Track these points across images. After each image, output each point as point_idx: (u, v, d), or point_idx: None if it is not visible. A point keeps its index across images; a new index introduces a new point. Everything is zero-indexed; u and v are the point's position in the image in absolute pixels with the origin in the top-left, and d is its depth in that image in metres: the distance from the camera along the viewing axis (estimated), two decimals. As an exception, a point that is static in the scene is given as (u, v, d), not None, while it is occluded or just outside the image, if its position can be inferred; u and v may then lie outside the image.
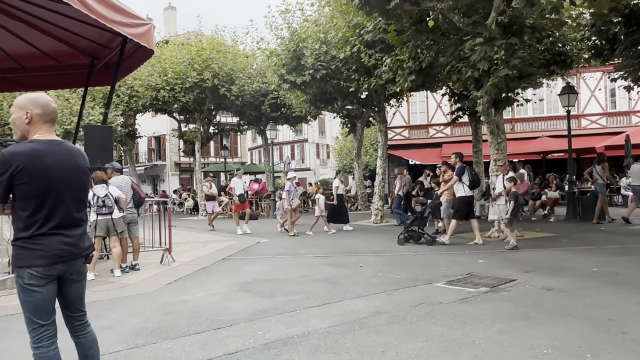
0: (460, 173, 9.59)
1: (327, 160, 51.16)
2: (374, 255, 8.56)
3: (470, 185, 9.55)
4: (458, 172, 9.62)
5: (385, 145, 15.57)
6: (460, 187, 9.63)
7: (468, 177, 9.52)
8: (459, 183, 9.64)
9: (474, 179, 9.55)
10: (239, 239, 11.99)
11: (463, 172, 9.57)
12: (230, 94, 20.67)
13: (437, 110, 27.37)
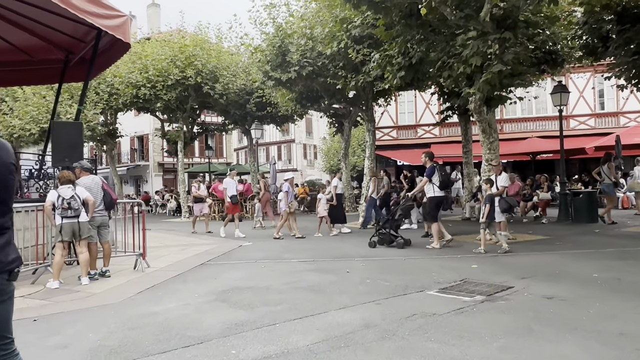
0: (430, 173, 9.23)
1: (314, 161, 50.71)
2: (362, 260, 8.12)
3: (441, 186, 9.22)
4: (428, 172, 9.28)
5: (373, 145, 15.16)
6: (430, 187, 9.28)
7: (438, 177, 9.19)
8: (429, 184, 9.29)
9: (444, 180, 9.24)
10: (220, 242, 11.46)
11: (433, 172, 9.20)
12: (214, 92, 20.12)
13: (426, 110, 27.07)
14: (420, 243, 9.94)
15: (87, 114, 20.84)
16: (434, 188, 9.20)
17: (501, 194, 9.37)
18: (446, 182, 9.32)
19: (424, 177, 9.37)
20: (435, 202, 9.33)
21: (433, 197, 9.29)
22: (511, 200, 9.41)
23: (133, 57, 20.65)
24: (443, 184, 9.22)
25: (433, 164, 9.30)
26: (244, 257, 8.94)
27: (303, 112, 18.38)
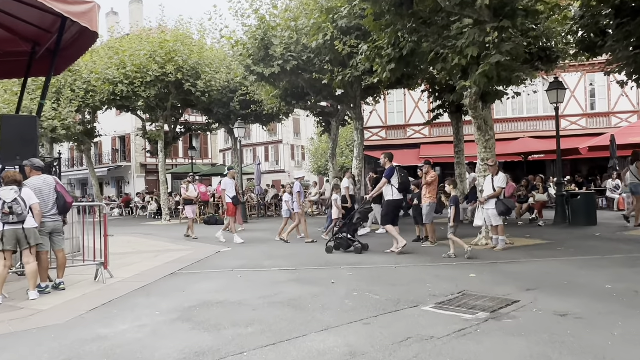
0: (389, 175, 8.73)
1: (302, 162, 49.98)
2: (349, 268, 7.38)
3: (400, 188, 8.74)
4: (387, 173, 8.79)
5: (362, 145, 14.46)
6: (389, 190, 8.78)
7: (397, 180, 8.72)
8: (387, 186, 8.78)
9: (403, 181, 8.75)
10: (197, 247, 10.65)
11: (392, 173, 8.72)
12: (195, 90, 19.27)
13: (415, 110, 26.47)
14: (413, 249, 9.24)
15: (61, 112, 19.86)
16: (392, 190, 8.72)
17: (498, 195, 8.71)
18: (406, 184, 8.85)
19: (383, 178, 8.90)
20: (394, 206, 8.84)
21: (392, 201, 8.79)
22: (509, 203, 8.77)
23: (110, 53, 19.76)
24: (402, 186, 8.73)
25: (393, 166, 8.85)
26: (219, 265, 8.16)
27: (288, 110, 17.62)
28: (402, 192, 8.85)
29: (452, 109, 15.40)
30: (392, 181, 8.73)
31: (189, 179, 14.14)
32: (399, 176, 8.73)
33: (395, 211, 8.96)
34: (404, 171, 8.94)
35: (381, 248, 9.29)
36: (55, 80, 20.60)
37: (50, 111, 19.71)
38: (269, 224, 16.73)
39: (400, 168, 8.91)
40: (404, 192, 8.91)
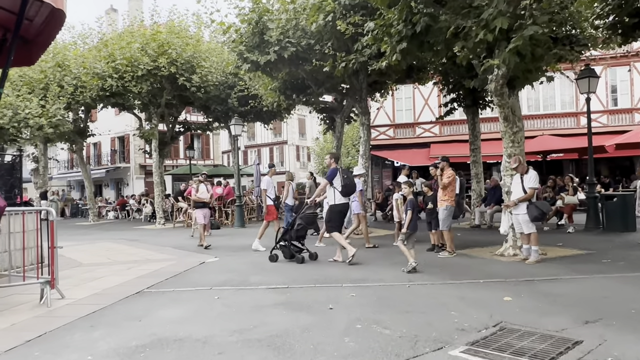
0: (331, 176, 7.93)
1: (307, 163, 48.73)
2: (352, 287, 6.04)
3: (343, 192, 7.90)
4: (329, 174, 8.02)
5: (368, 142, 13.12)
6: (331, 193, 7.99)
7: (340, 182, 7.89)
8: (330, 189, 8.00)
9: (346, 184, 7.91)
10: (181, 257, 9.35)
11: (334, 175, 7.91)
12: (190, 85, 18.02)
13: (425, 107, 25.16)
14: (428, 261, 7.88)
15: (49, 109, 18.67)
16: (335, 194, 7.90)
17: (530, 198, 7.33)
18: (349, 187, 7.95)
19: (323, 180, 8.22)
20: (337, 211, 8.00)
21: (334, 205, 7.97)
22: (544, 206, 7.39)
23: (99, 45, 18.57)
24: (345, 189, 7.87)
25: (336, 167, 8.05)
26: (198, 281, 6.84)
27: (289, 105, 16.25)
28: (346, 196, 8.00)
29: (467, 103, 14.04)
30: (334, 184, 7.89)
31: (200, 178, 12.27)
32: (342, 178, 7.90)
33: (339, 217, 8.10)
34: (347, 173, 8.16)
35: (388, 259, 7.95)
36: (43, 76, 19.48)
37: (36, 108, 18.52)
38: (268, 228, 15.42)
39: (344, 170, 8.10)
40: (347, 195, 8.05)
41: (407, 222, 6.99)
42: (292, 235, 8.37)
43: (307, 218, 8.60)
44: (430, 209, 8.84)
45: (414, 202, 7.17)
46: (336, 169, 8.03)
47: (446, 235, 8.29)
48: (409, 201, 7.14)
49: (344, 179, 7.92)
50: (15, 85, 19.25)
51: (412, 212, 6.97)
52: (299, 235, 8.45)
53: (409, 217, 6.95)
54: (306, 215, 8.58)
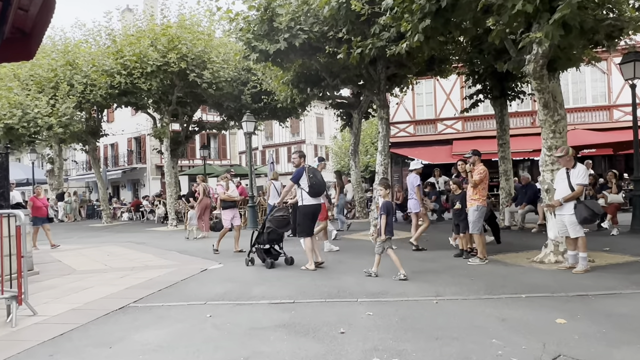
0: (297, 176, 7.39)
1: (326, 162, 47.75)
2: (369, 302, 5.14)
3: (311, 192, 7.30)
4: (294, 175, 7.48)
5: (387, 137, 12.16)
6: (299, 194, 7.47)
7: (307, 182, 7.30)
8: (298, 189, 7.50)
9: (313, 184, 7.30)
10: (183, 263, 8.56)
11: (300, 174, 7.36)
12: (201, 81, 17.29)
13: (447, 103, 24.04)
14: (455, 268, 6.92)
15: (58, 108, 18.17)
16: (302, 195, 7.36)
17: (579, 196, 6.31)
18: (318, 186, 7.34)
19: (289, 181, 7.70)
20: (304, 212, 7.39)
21: (302, 207, 7.41)
22: (594, 206, 6.34)
23: (107, 42, 17.99)
24: (314, 188, 7.28)
25: (303, 166, 7.50)
26: (193, 293, 6.01)
27: (303, 101, 15.32)
28: (315, 196, 7.38)
29: (494, 94, 12.96)
30: (301, 184, 7.33)
31: (228, 175, 10.78)
32: (308, 177, 7.29)
33: (308, 219, 7.41)
34: (314, 171, 7.48)
35: (410, 267, 7.01)
36: (54, 75, 19.01)
37: (45, 107, 18.03)
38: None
39: (311, 169, 7.48)
40: (316, 196, 7.41)
41: (382, 227, 6.38)
42: (265, 238, 7.91)
43: (278, 221, 8.00)
44: (458, 210, 7.88)
45: (389, 205, 6.54)
46: (302, 168, 7.45)
47: (477, 239, 7.31)
48: (383, 205, 6.54)
49: (311, 179, 7.28)
50: (24, 85, 18.84)
51: (387, 216, 6.40)
52: (272, 239, 7.98)
53: (384, 222, 6.37)
54: (276, 217, 8.00)
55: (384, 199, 6.67)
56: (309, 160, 8.67)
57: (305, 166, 7.47)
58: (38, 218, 11.80)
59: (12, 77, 19.25)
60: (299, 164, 7.59)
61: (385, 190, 6.84)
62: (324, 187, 7.55)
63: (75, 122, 19.01)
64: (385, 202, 6.57)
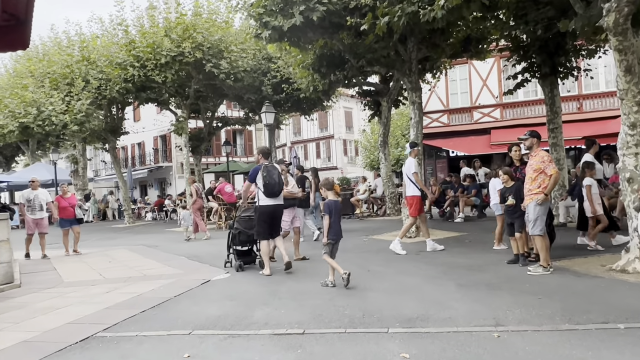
0: (252, 175, 6.97)
1: (355, 157, 46.42)
2: (403, 334, 3.80)
3: (266, 192, 6.74)
4: (250, 174, 7.06)
5: (420, 124, 10.72)
6: (257, 194, 7.01)
7: (262, 181, 6.80)
8: (255, 188, 7.01)
9: (267, 183, 6.74)
10: (184, 274, 7.40)
11: (256, 173, 6.92)
12: (218, 72, 16.20)
13: (483, 89, 22.29)
14: (512, 278, 5.49)
15: (74, 105, 17.41)
16: (259, 195, 6.90)
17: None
18: (270, 187, 6.74)
19: (247, 181, 7.29)
20: (261, 213, 6.86)
21: (258, 207, 6.93)
22: None
23: (119, 33, 17.10)
24: (267, 188, 6.73)
25: (260, 164, 6.99)
26: (182, 316, 4.79)
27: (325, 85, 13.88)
28: (271, 196, 6.79)
29: (543, 71, 11.32)
30: (257, 183, 6.85)
31: (284, 167, 8.61)
32: (262, 176, 6.78)
33: (263, 221, 6.86)
34: (271, 169, 6.88)
35: (455, 278, 5.62)
36: (70, 71, 18.29)
37: (60, 104, 17.30)
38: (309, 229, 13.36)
39: (268, 167, 6.88)
40: (273, 196, 6.81)
41: (325, 230, 5.80)
42: (237, 240, 7.47)
43: (245, 222, 7.49)
44: (512, 206, 6.41)
45: (332, 204, 5.84)
46: (259, 166, 6.93)
47: (539, 242, 5.83)
48: (327, 204, 5.90)
49: (265, 177, 6.72)
50: (39, 82, 18.18)
51: (331, 217, 5.78)
52: (242, 240, 7.49)
53: (327, 224, 5.78)
54: (243, 218, 7.55)
55: (329, 199, 5.92)
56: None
57: (262, 164, 6.89)
58: (64, 220, 10.66)
59: (27, 74, 18.64)
60: (258, 161, 7.10)
61: (334, 192, 6.04)
62: (279, 187, 6.85)
63: (91, 119, 18.23)
64: (328, 201, 5.87)
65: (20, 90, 17.81)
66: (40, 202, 10.22)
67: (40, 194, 10.34)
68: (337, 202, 5.93)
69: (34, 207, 10.17)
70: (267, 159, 7.00)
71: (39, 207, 10.21)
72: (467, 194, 12.96)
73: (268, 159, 7.01)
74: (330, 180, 6.26)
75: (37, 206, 10.19)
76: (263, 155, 7.04)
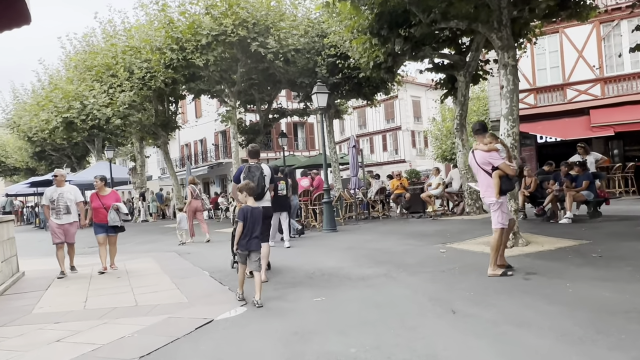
0: (236, 176, 6.59)
1: (424, 149, 43.26)
2: None
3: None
4: (235, 174, 6.73)
5: (516, 93, 8.00)
6: None
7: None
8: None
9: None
10: (186, 306, 5.34)
11: (240, 173, 6.52)
12: (266, 51, 14.19)
13: (579, 62, 18.75)
14: None
15: (118, 97, 16.11)
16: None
17: None
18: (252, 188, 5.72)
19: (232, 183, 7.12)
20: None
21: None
22: None
23: (159, 15, 15.54)
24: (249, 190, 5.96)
25: (243, 165, 6.65)
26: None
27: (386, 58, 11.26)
28: (257, 200, 6.08)
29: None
30: None
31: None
32: (243, 177, 6.36)
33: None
34: (254, 169, 6.41)
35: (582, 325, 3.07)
36: (115, 62, 17.09)
37: (104, 97, 16.09)
38: (371, 232, 11.01)
39: (253, 166, 6.48)
40: (259, 199, 6.28)
41: (237, 237, 5.18)
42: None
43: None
44: None
45: (249, 211, 5.14)
46: (242, 166, 6.74)
47: None
48: (241, 210, 5.26)
49: (244, 179, 6.31)
50: (82, 76, 17.13)
51: (244, 225, 5.07)
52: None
53: (239, 231, 5.09)
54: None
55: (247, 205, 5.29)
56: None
57: (246, 165, 6.63)
58: (99, 225, 7.98)
59: (70, 67, 17.70)
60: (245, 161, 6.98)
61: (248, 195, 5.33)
62: (259, 190, 6.29)
63: (135, 112, 16.91)
64: (244, 207, 5.29)
65: (65, 84, 16.85)
66: (66, 203, 7.73)
67: (66, 192, 7.84)
68: (255, 210, 5.24)
69: (58, 210, 7.69)
70: (253, 158, 6.63)
71: (65, 209, 7.71)
72: (575, 186, 9.98)
73: (256, 159, 6.61)
74: (251, 184, 5.55)
75: (62, 208, 7.69)
76: (249, 154, 6.71)
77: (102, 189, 8.15)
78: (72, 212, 7.76)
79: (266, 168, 6.63)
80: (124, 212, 7.99)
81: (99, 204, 7.96)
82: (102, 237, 7.96)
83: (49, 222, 7.86)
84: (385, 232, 10.73)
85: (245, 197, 5.32)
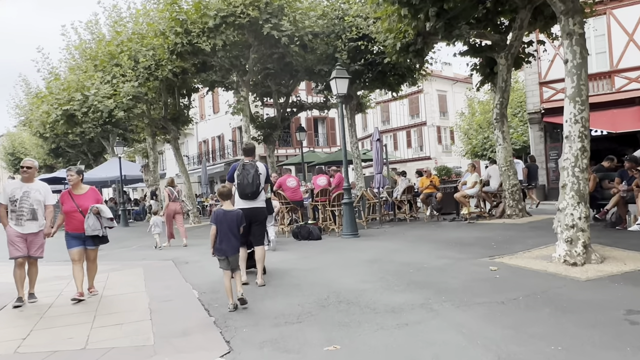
0: (230, 174, 6.20)
1: (450, 146, 41.39)
2: None
3: (238, 192, 5.93)
4: (229, 172, 6.27)
5: (584, 68, 6.32)
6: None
7: (236, 180, 6.00)
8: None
9: (239, 183, 5.92)
10: (143, 349, 3.92)
11: (233, 171, 6.13)
12: (279, 34, 12.73)
13: (629, 45, 16.87)
14: None
15: (120, 87, 14.90)
16: (236, 196, 5.93)
17: None
18: (245, 187, 5.85)
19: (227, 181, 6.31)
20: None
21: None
22: None
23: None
24: (239, 189, 5.90)
25: (236, 163, 6.25)
26: None
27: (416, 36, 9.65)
28: (245, 198, 5.91)
29: None
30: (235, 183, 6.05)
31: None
32: (236, 175, 6.00)
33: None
34: (246, 168, 5.96)
35: None
36: (120, 50, 15.90)
37: (107, 88, 14.90)
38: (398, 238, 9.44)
39: (247, 163, 6.02)
40: (247, 199, 5.91)
41: (211, 241, 4.85)
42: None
43: None
44: None
45: (222, 214, 4.83)
46: (236, 163, 6.18)
47: None
48: (214, 213, 4.94)
49: (238, 176, 5.92)
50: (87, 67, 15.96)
51: (217, 229, 4.81)
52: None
53: (213, 234, 4.82)
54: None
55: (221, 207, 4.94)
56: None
57: (241, 162, 6.13)
58: (71, 235, 5.81)
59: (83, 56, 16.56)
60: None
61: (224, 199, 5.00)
62: (251, 188, 5.89)
63: (140, 104, 15.65)
64: (218, 210, 4.93)
65: (68, 73, 15.74)
66: (33, 205, 5.73)
67: (34, 191, 5.79)
68: (228, 213, 4.91)
69: (20, 213, 5.67)
70: (248, 155, 6.28)
71: (30, 212, 5.71)
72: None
73: (251, 156, 6.25)
74: (226, 189, 5.17)
75: (25, 211, 5.68)
76: (244, 152, 6.41)
77: (78, 185, 5.96)
78: (38, 219, 5.78)
79: (261, 166, 6.16)
80: (107, 217, 5.85)
81: (72, 206, 5.76)
82: (76, 252, 5.75)
83: (6, 229, 5.78)
84: (415, 238, 9.17)
85: (222, 202, 5.02)
